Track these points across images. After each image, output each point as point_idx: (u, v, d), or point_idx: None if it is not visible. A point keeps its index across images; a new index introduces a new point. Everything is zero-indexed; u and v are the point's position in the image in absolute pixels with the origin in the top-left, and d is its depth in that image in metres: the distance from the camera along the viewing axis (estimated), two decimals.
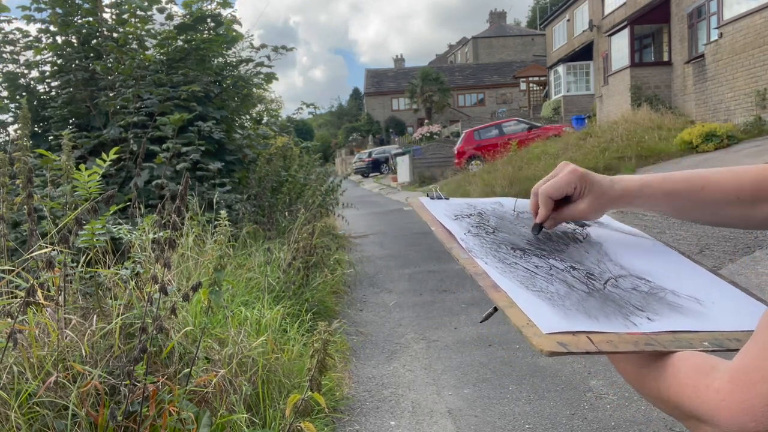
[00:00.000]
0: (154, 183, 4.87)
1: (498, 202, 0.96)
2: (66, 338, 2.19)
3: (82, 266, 2.61)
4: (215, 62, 6.70)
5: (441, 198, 0.95)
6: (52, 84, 6.17)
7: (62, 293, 2.43)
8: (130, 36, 6.06)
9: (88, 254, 2.71)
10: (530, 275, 0.73)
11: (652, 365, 0.63)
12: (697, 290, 0.75)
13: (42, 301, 2.19)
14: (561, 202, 0.82)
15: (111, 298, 2.59)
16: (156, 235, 2.95)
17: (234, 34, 6.66)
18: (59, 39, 5.92)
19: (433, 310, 5.17)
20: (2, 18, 5.66)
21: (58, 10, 5.70)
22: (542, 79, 37.73)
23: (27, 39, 5.89)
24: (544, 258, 0.79)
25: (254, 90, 7.40)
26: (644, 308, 0.70)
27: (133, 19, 6.06)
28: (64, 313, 2.34)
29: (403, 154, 27.15)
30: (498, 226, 0.87)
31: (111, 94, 5.75)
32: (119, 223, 3.32)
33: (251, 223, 5.55)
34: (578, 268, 0.77)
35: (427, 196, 0.96)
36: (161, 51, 6.30)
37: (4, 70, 5.88)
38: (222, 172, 5.70)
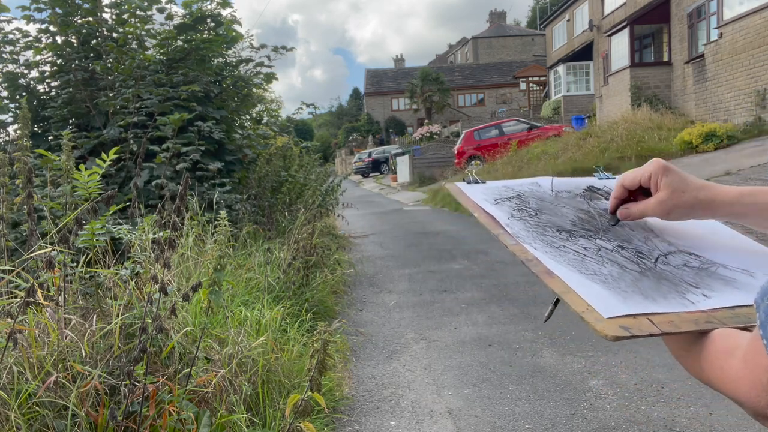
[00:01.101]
0: (154, 183, 4.87)
1: (535, 183, 0.95)
2: (66, 338, 2.19)
3: (82, 266, 2.61)
4: (215, 62, 6.70)
5: (477, 182, 0.94)
6: (52, 84, 6.17)
7: (62, 293, 2.43)
8: (130, 36, 6.06)
9: (88, 254, 2.71)
10: (580, 258, 0.73)
11: (693, 346, 0.63)
12: (747, 262, 0.74)
13: (42, 301, 2.19)
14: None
15: (111, 298, 2.59)
16: (156, 235, 2.95)
17: (234, 34, 6.66)
18: (59, 39, 5.92)
19: (433, 310, 5.16)
20: (2, 18, 5.66)
21: (58, 10, 5.70)
22: (542, 79, 37.73)
23: (27, 39, 5.88)
24: (591, 239, 0.78)
25: (254, 90, 7.40)
26: (699, 285, 0.69)
27: (132, 19, 6.06)
28: (64, 313, 2.34)
29: (403, 154, 27.16)
30: (539, 208, 0.86)
31: (111, 94, 5.75)
32: (119, 223, 3.32)
33: (251, 223, 5.55)
34: (626, 248, 0.76)
35: (464, 180, 0.95)
36: (161, 51, 6.30)
37: (4, 70, 5.87)
38: (222, 172, 5.69)
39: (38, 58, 6.01)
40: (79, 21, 5.96)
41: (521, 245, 0.75)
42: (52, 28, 5.83)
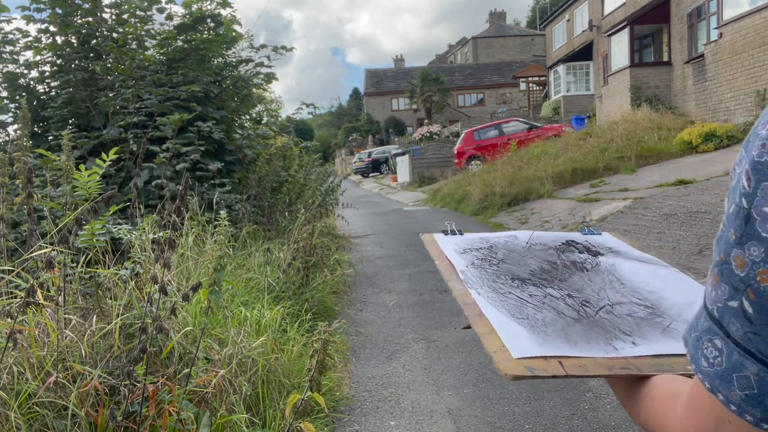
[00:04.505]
0: (154, 183, 4.87)
1: (513, 236, 0.98)
2: (66, 338, 2.19)
3: (82, 266, 2.61)
4: (215, 62, 6.69)
5: (455, 233, 0.97)
6: (52, 84, 6.17)
7: (62, 293, 2.43)
8: (130, 36, 6.06)
9: (88, 254, 2.71)
10: (521, 303, 0.75)
11: (633, 391, 0.63)
12: None
13: (42, 301, 2.19)
14: None
15: (111, 299, 2.59)
16: (156, 235, 2.95)
17: (234, 34, 6.66)
18: (59, 39, 5.92)
19: (433, 310, 5.16)
20: (2, 18, 5.66)
21: (58, 10, 5.70)
22: (542, 79, 37.72)
23: (27, 39, 5.88)
24: (542, 287, 0.80)
25: (254, 90, 7.40)
26: (632, 333, 0.70)
27: (132, 19, 6.06)
28: (64, 313, 2.34)
29: (402, 154, 27.15)
30: (504, 258, 0.89)
31: (111, 94, 5.75)
32: (119, 223, 3.32)
33: (251, 223, 5.55)
34: (575, 296, 0.78)
35: (442, 232, 0.98)
36: (161, 51, 6.30)
37: (4, 70, 5.87)
38: (222, 172, 5.70)
39: (38, 58, 6.01)
40: (79, 21, 5.96)
41: (466, 290, 0.78)
42: (52, 28, 5.83)
